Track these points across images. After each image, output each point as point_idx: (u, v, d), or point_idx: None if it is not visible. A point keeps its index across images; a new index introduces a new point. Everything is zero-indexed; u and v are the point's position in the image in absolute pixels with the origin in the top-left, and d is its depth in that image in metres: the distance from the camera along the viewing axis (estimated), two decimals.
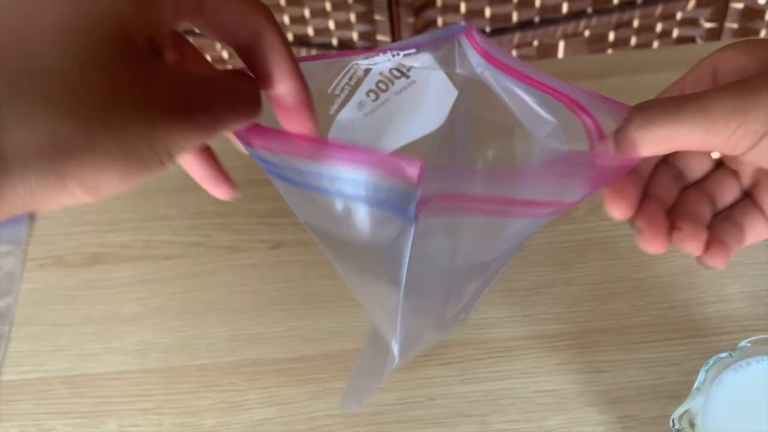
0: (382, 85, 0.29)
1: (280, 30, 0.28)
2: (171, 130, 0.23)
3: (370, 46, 1.22)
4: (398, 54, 0.29)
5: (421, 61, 0.29)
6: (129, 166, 0.22)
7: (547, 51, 1.27)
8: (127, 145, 0.22)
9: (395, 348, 0.28)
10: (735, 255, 0.53)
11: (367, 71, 0.29)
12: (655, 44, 1.30)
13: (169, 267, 0.57)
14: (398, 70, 0.30)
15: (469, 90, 0.30)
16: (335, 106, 0.30)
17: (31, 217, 0.62)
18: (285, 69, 0.28)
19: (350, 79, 0.30)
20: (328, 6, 1.19)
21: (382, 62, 0.29)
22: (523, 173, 0.25)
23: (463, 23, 0.30)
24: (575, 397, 0.47)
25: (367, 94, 0.30)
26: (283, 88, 0.28)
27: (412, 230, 0.24)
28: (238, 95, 0.26)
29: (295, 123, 0.29)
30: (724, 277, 0.52)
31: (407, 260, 0.25)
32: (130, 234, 0.59)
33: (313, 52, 1.23)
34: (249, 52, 0.28)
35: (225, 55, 1.28)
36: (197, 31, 0.29)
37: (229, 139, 0.32)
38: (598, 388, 0.48)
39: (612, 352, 0.49)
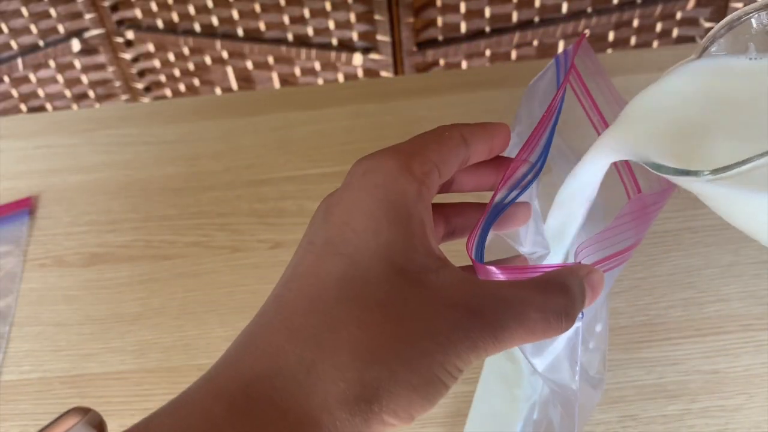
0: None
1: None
2: (459, 352, 0.24)
3: (370, 46, 1.22)
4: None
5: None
6: (430, 391, 0.24)
7: (547, 51, 1.28)
8: (426, 374, 0.24)
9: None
10: (734, 255, 0.53)
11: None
12: (655, 44, 1.30)
13: (169, 267, 0.57)
14: None
15: None
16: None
17: (31, 216, 0.62)
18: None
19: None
20: (328, 6, 1.19)
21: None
22: (623, 220, 0.28)
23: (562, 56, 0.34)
24: None
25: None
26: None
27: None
28: (527, 310, 0.25)
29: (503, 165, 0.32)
30: (723, 277, 0.52)
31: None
32: (130, 234, 0.59)
33: (313, 52, 1.23)
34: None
35: (225, 55, 1.28)
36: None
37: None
38: None
39: (612, 351, 0.49)
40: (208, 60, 1.31)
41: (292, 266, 0.28)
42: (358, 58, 1.23)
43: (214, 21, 1.24)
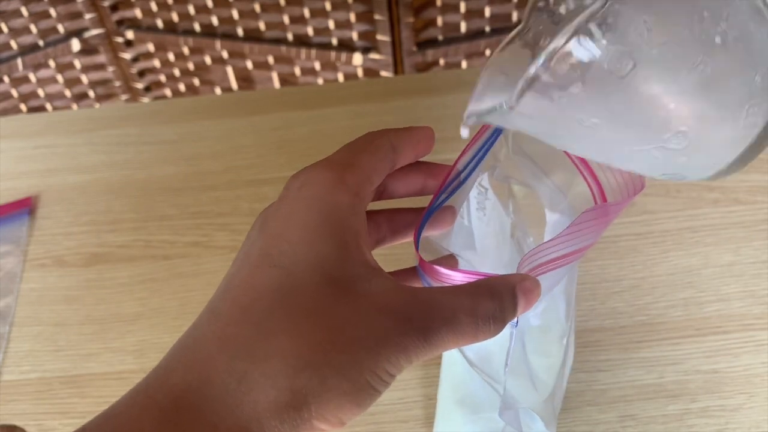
0: (480, 205, 0.37)
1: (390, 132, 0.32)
2: (389, 356, 0.25)
3: (370, 46, 1.22)
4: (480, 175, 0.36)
5: (486, 181, 0.37)
6: (361, 396, 0.25)
7: None
8: (356, 379, 0.25)
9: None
10: (734, 254, 0.53)
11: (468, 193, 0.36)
12: None
13: (168, 267, 0.57)
14: (481, 187, 0.37)
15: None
16: (465, 221, 0.37)
17: (31, 216, 0.62)
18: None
19: (464, 199, 0.36)
20: (328, 6, 1.19)
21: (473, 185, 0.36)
22: (568, 232, 0.30)
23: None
24: (575, 396, 0.47)
25: (477, 211, 0.37)
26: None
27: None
28: (457, 314, 0.26)
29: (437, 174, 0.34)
30: (723, 276, 0.52)
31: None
32: (129, 234, 0.59)
33: (313, 52, 1.23)
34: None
35: (225, 55, 1.28)
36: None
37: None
38: (597, 388, 0.48)
39: (611, 351, 0.49)
40: (208, 60, 1.31)
41: (227, 278, 0.28)
42: (358, 58, 1.23)
43: (214, 21, 1.24)
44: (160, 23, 1.28)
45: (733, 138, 0.27)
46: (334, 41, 1.24)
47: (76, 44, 1.29)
